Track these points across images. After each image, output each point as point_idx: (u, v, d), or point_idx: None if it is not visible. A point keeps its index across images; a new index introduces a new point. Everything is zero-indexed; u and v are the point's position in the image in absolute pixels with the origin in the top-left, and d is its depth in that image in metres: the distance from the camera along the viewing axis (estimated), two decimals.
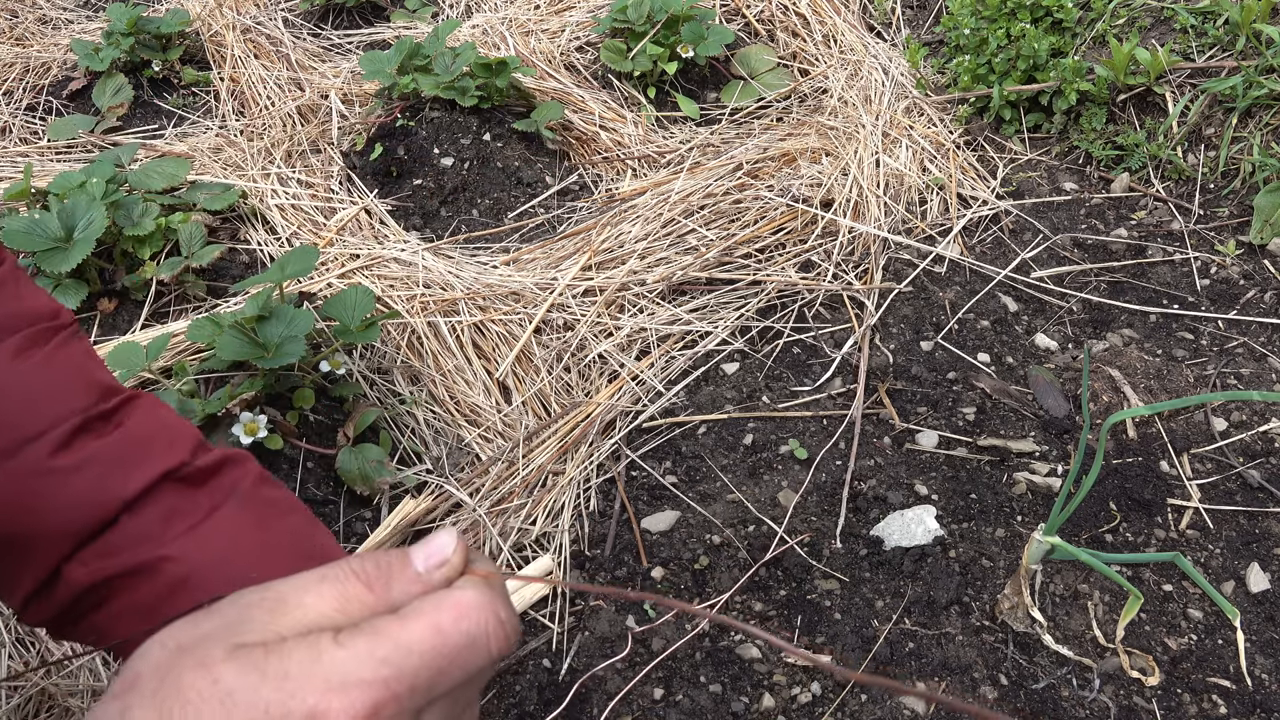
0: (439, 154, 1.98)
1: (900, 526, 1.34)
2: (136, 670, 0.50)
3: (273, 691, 0.47)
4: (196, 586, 0.72)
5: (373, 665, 0.48)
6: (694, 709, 1.16)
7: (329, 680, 0.48)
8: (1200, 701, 1.15)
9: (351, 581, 0.52)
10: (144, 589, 0.72)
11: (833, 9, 2.41)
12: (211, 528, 0.75)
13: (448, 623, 0.50)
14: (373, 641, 0.49)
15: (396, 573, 0.53)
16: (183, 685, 0.48)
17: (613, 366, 1.59)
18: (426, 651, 0.50)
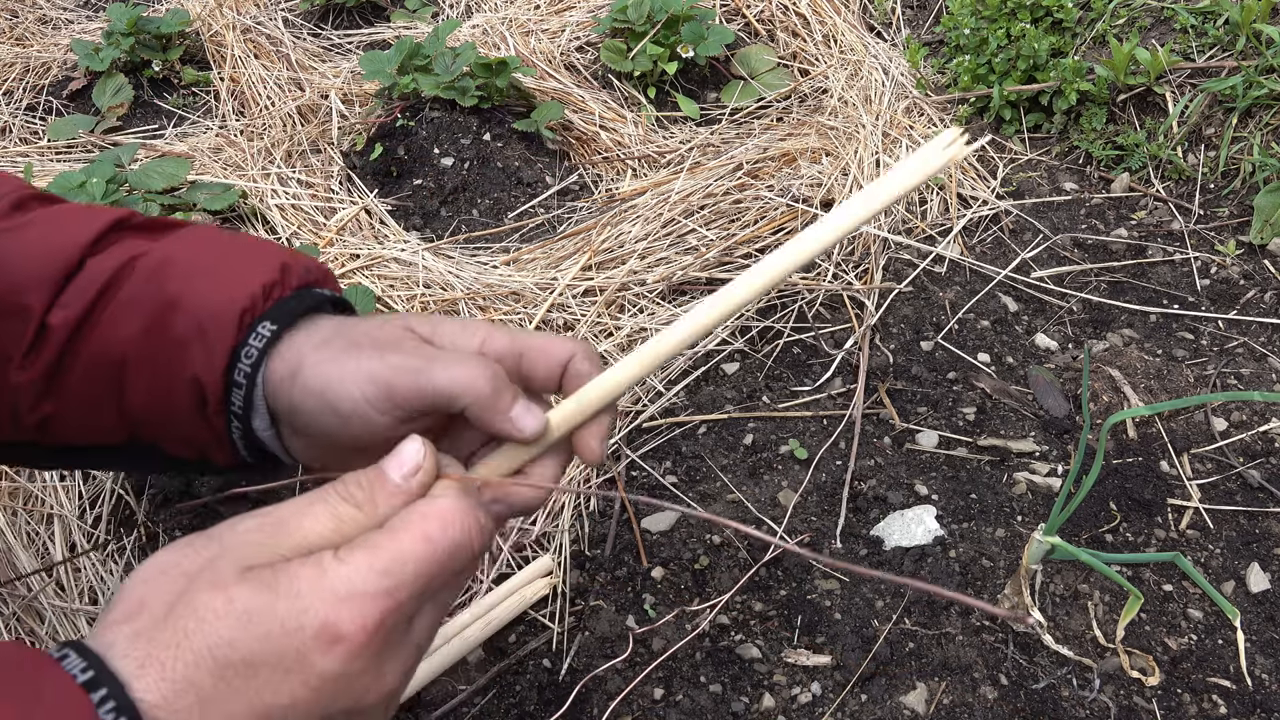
0: (439, 154, 1.98)
1: (900, 526, 1.34)
2: (138, 596, 0.53)
3: (286, 607, 0.51)
4: (174, 269, 0.72)
5: (374, 578, 0.53)
6: (694, 709, 1.16)
7: (336, 594, 0.52)
8: (1200, 701, 1.15)
9: (341, 503, 0.57)
10: (126, 287, 0.71)
11: (833, 9, 2.41)
12: (175, 237, 0.76)
13: (435, 531, 0.55)
14: (371, 555, 0.53)
15: (379, 488, 0.58)
16: (197, 605, 0.51)
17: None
18: (420, 559, 0.54)
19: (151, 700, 0.50)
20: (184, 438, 0.72)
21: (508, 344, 0.68)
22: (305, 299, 0.72)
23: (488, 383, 0.63)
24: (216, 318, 0.68)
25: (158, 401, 0.70)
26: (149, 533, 1.37)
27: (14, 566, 1.31)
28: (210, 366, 0.68)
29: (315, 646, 0.52)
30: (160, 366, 0.69)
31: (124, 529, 1.38)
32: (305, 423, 0.68)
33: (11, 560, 1.32)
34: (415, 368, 0.63)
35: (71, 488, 1.41)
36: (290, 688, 0.52)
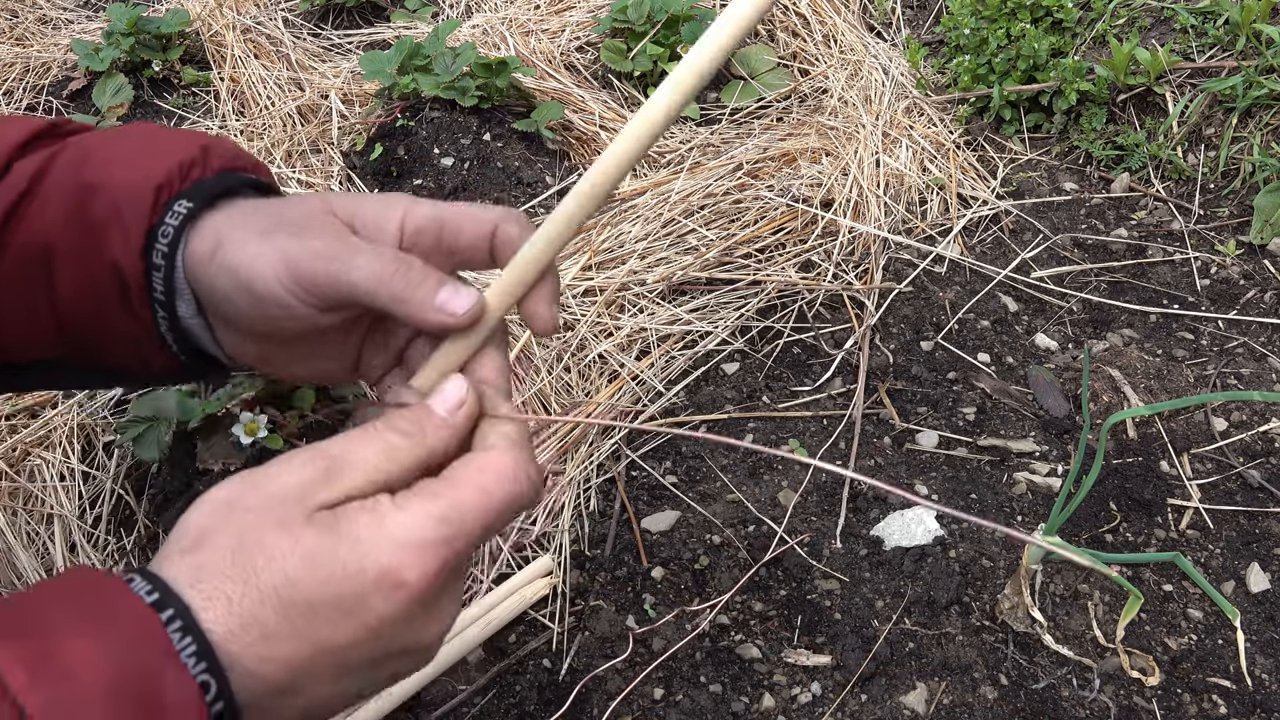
0: (439, 154, 1.98)
1: (900, 526, 1.34)
2: (201, 526, 0.55)
3: (347, 551, 0.53)
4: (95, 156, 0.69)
5: (433, 525, 0.54)
6: (694, 709, 1.16)
7: (395, 540, 0.54)
8: (1200, 701, 1.15)
9: (389, 433, 0.58)
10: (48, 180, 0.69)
11: (833, 9, 2.41)
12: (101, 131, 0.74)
13: (491, 484, 0.57)
14: (429, 503, 0.55)
15: (426, 420, 0.59)
16: (265, 544, 0.53)
17: (613, 366, 1.59)
18: (477, 510, 0.56)
19: (219, 632, 0.51)
20: (116, 333, 0.69)
21: (429, 215, 0.65)
22: (226, 180, 0.69)
23: (402, 276, 0.60)
24: (132, 197, 0.66)
25: (85, 291, 0.68)
26: (149, 532, 1.37)
27: (14, 566, 1.31)
28: (127, 248, 0.66)
29: (375, 590, 0.53)
30: (83, 252, 0.67)
31: (124, 529, 1.38)
32: (226, 308, 0.65)
33: (11, 560, 1.32)
34: (331, 256, 0.61)
35: (71, 488, 1.41)
36: (349, 628, 0.53)
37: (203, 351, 0.71)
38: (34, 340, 0.72)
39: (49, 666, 0.47)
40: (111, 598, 0.51)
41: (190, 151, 0.68)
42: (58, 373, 0.78)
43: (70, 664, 0.47)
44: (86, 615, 0.49)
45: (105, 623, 0.49)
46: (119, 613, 0.50)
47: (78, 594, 0.51)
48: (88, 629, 0.49)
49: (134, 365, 0.72)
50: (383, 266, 0.61)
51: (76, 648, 0.48)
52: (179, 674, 0.49)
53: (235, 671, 0.51)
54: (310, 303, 0.62)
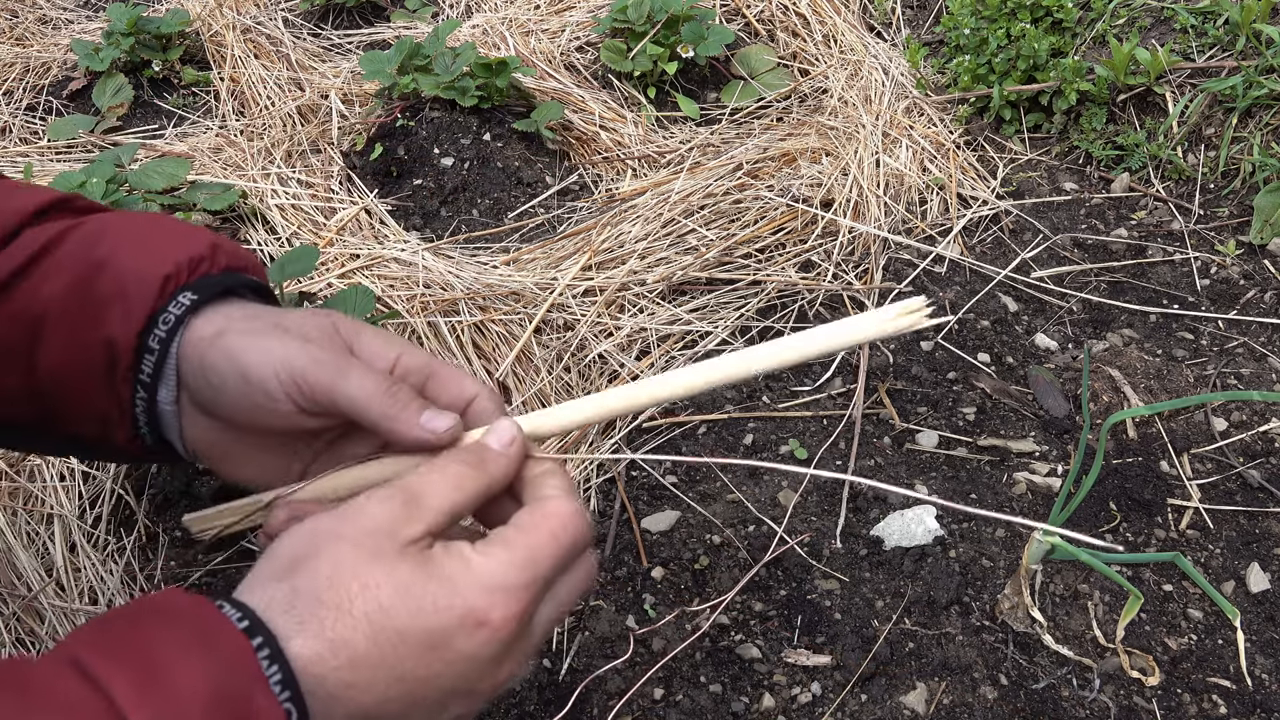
0: (439, 154, 1.98)
1: (900, 526, 1.34)
2: (295, 554, 0.59)
3: (438, 588, 0.58)
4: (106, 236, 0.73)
5: (515, 572, 0.60)
6: (694, 709, 1.16)
7: (482, 584, 0.59)
8: (1200, 701, 1.15)
9: (458, 465, 0.64)
10: (57, 252, 0.73)
11: (833, 9, 2.41)
12: (113, 213, 0.78)
13: (559, 530, 0.62)
14: (509, 551, 0.60)
15: (485, 454, 0.66)
16: (360, 572, 0.57)
17: (613, 366, 1.59)
18: (550, 556, 0.61)
19: (307, 656, 0.55)
20: (88, 407, 0.72)
21: (421, 364, 0.72)
22: (230, 279, 0.74)
23: (391, 399, 0.67)
24: (140, 280, 0.70)
25: (71, 361, 0.71)
26: (149, 533, 1.37)
27: (14, 566, 1.31)
28: (126, 327, 0.70)
29: (460, 628, 0.57)
30: (78, 324, 0.71)
31: (124, 529, 1.38)
32: (212, 390, 0.69)
33: (11, 560, 1.32)
34: (331, 366, 0.67)
35: (71, 488, 1.41)
36: (431, 661, 0.57)
37: (164, 439, 0.75)
38: (6, 402, 0.74)
39: (154, 684, 0.50)
40: (207, 622, 0.54)
41: (201, 248, 0.73)
42: (23, 436, 0.81)
43: (173, 682, 0.50)
44: (185, 637, 0.52)
45: (203, 645, 0.52)
46: (214, 636, 0.53)
47: (175, 616, 0.54)
48: (187, 651, 0.52)
49: (98, 440, 0.75)
50: (375, 385, 0.67)
51: (178, 668, 0.51)
52: (268, 699, 0.52)
53: (317, 697, 0.55)
54: (299, 402, 0.67)
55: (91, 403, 0.72)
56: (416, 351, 0.73)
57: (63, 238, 0.73)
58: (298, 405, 0.67)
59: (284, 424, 0.69)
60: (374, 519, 0.59)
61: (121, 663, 0.50)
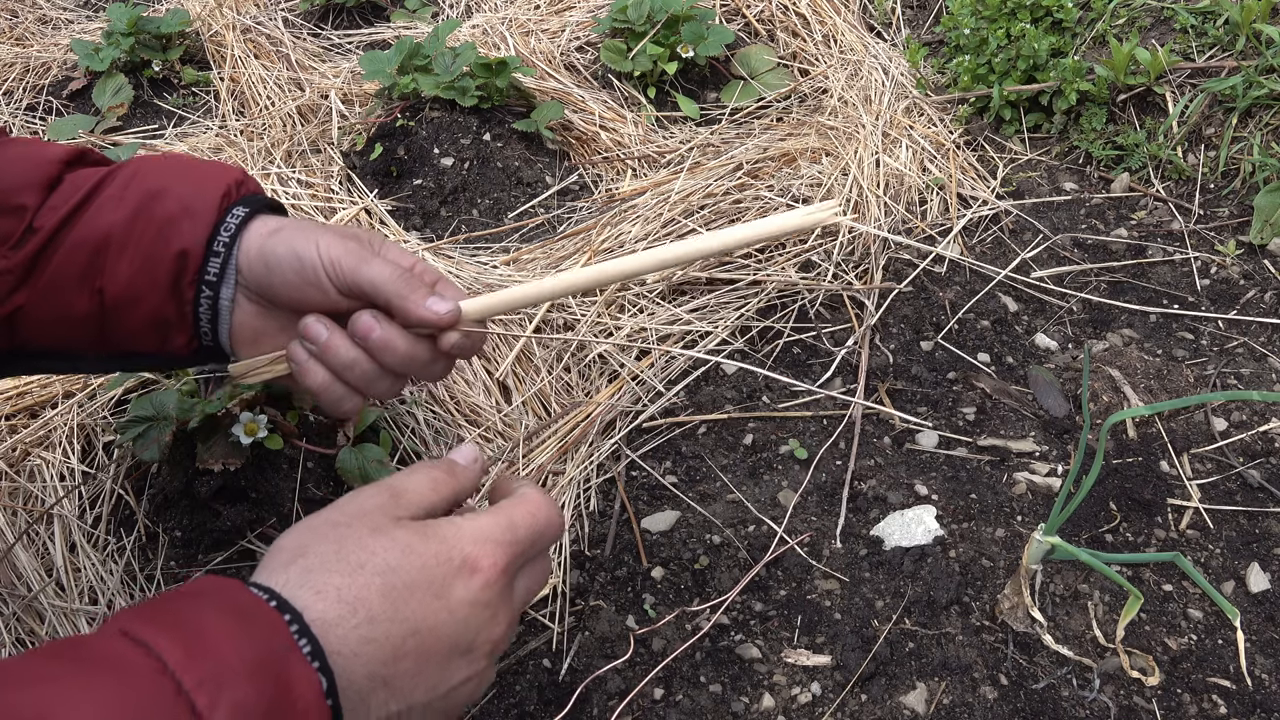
0: (439, 154, 1.98)
1: (900, 526, 1.34)
2: (297, 543, 0.66)
3: (436, 546, 0.67)
4: (150, 174, 0.86)
5: (500, 530, 0.70)
6: (694, 709, 1.16)
7: (474, 537, 0.68)
8: (1200, 701, 1.15)
9: (435, 470, 0.75)
10: (107, 189, 0.85)
11: (833, 9, 2.41)
12: (139, 158, 0.91)
13: (535, 510, 0.73)
14: (495, 516, 0.71)
15: (455, 465, 0.77)
16: (366, 543, 0.65)
17: (613, 366, 1.59)
18: (529, 525, 0.72)
19: (329, 619, 0.61)
20: (151, 318, 0.85)
21: (434, 271, 0.88)
22: (263, 199, 0.89)
23: (404, 282, 0.82)
24: (202, 198, 0.84)
25: (139, 276, 0.83)
26: (149, 532, 1.37)
27: (14, 566, 1.31)
28: (195, 236, 0.83)
29: (458, 575, 0.66)
30: (144, 243, 0.83)
31: (124, 529, 1.38)
32: (267, 272, 0.83)
33: (11, 560, 1.32)
34: (360, 256, 0.82)
35: (71, 487, 1.41)
36: (436, 610, 0.65)
37: (216, 338, 0.88)
38: (67, 330, 0.86)
39: (201, 648, 0.55)
40: (241, 598, 0.60)
41: (238, 174, 0.88)
42: (75, 361, 0.91)
43: (218, 648, 0.55)
44: (225, 610, 0.58)
45: (242, 617, 0.58)
46: (250, 609, 0.59)
47: (214, 594, 0.60)
48: (228, 620, 0.57)
49: (153, 350, 0.87)
50: (391, 272, 0.82)
51: (222, 635, 0.56)
52: (303, 666, 0.58)
53: (342, 656, 0.61)
54: (337, 284, 0.82)
55: (155, 312, 0.84)
56: (429, 264, 0.88)
57: (109, 178, 0.85)
58: (334, 287, 0.82)
59: (327, 301, 0.83)
60: (365, 506, 0.68)
61: (169, 631, 0.55)
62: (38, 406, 1.50)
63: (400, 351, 0.83)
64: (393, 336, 0.82)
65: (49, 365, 0.95)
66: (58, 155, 0.86)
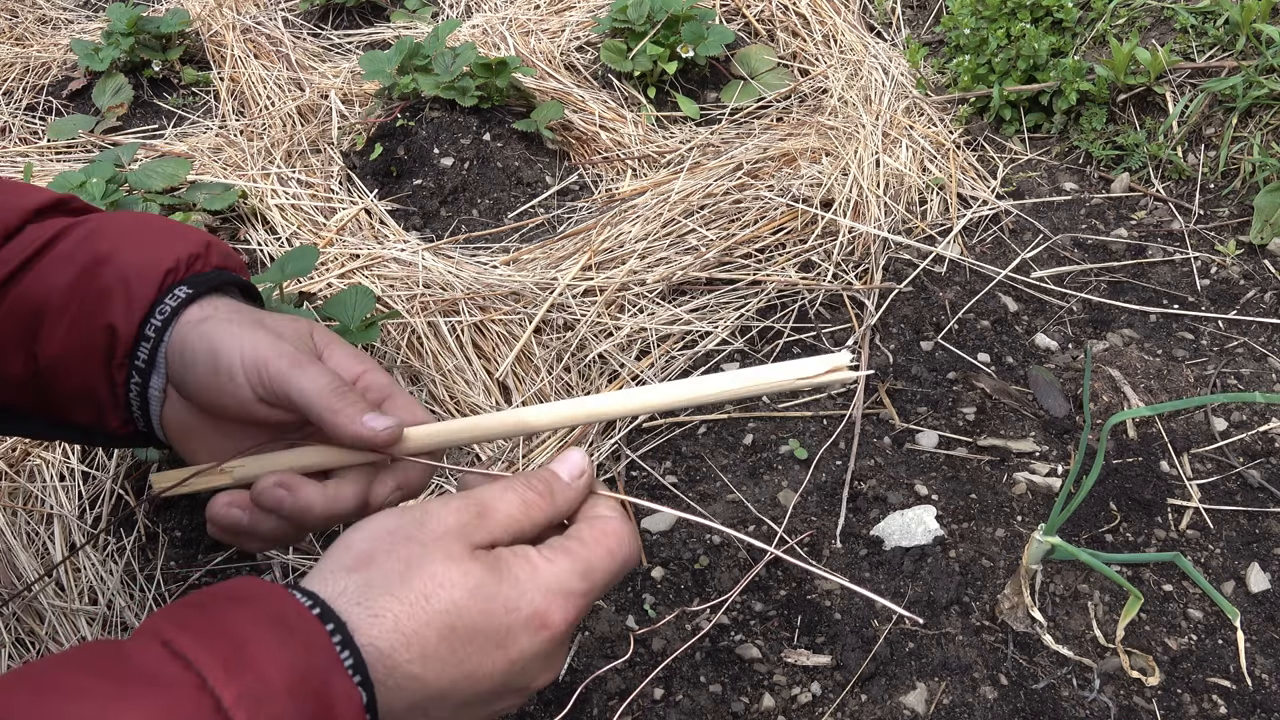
0: (439, 154, 1.98)
1: (900, 526, 1.34)
2: (366, 549, 0.62)
3: (508, 590, 0.61)
4: (106, 234, 0.79)
5: (576, 580, 0.64)
6: (694, 709, 1.16)
7: (549, 588, 0.63)
8: (1200, 701, 1.15)
9: (527, 490, 0.67)
10: (58, 248, 0.78)
11: (833, 9, 2.41)
12: (109, 214, 0.84)
13: (615, 546, 0.67)
14: (571, 560, 0.65)
15: (555, 481, 0.69)
16: (435, 572, 0.60)
17: (613, 366, 1.59)
18: (606, 569, 0.66)
19: (382, 648, 0.58)
20: (85, 393, 0.78)
21: (384, 384, 0.78)
22: (221, 276, 0.80)
23: (338, 395, 0.71)
24: (141, 273, 0.76)
25: (71, 348, 0.77)
26: (149, 533, 1.37)
27: (14, 566, 1.31)
28: (128, 314, 0.75)
29: (525, 629, 0.61)
30: (80, 314, 0.76)
31: (124, 529, 1.38)
32: (184, 369, 0.75)
33: (11, 560, 1.32)
34: (290, 361, 0.72)
35: (71, 488, 1.41)
36: (495, 658, 0.61)
37: (151, 423, 0.80)
38: (4, 389, 0.80)
39: (241, 664, 0.53)
40: (284, 607, 0.57)
41: (196, 246, 0.79)
42: (17, 421, 0.85)
43: (258, 663, 0.53)
44: (266, 620, 0.56)
45: (283, 628, 0.56)
46: (292, 621, 0.56)
47: (254, 601, 0.57)
48: (269, 633, 0.55)
49: (90, 423, 0.80)
50: (325, 383, 0.72)
51: (262, 649, 0.54)
52: (344, 679, 0.55)
53: (386, 686, 0.58)
54: (257, 390, 0.73)
55: (88, 387, 0.77)
56: (381, 373, 0.79)
57: (64, 234, 0.79)
58: (256, 393, 0.72)
59: (244, 410, 0.74)
60: (445, 523, 0.63)
61: (209, 643, 0.53)
62: None
63: (318, 514, 0.72)
64: (308, 503, 0.72)
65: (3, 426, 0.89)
66: (27, 204, 0.80)
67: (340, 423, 0.71)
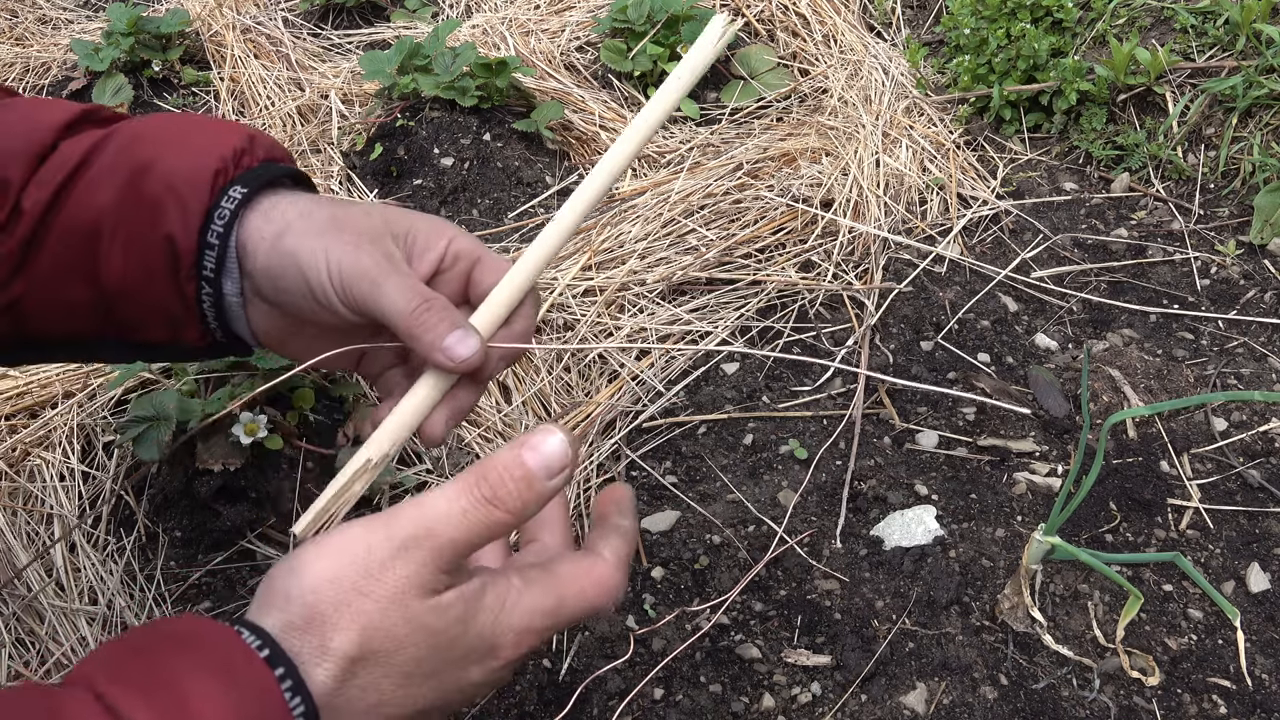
0: (439, 154, 1.98)
1: (900, 526, 1.34)
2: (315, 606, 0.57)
3: (473, 641, 0.60)
4: (145, 140, 0.75)
5: (540, 619, 0.62)
6: (694, 709, 1.16)
7: (516, 627, 0.62)
8: (1200, 701, 1.15)
9: (489, 511, 0.60)
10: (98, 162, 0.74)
11: (833, 9, 2.41)
12: (143, 117, 0.82)
13: (592, 593, 0.65)
14: (541, 598, 0.63)
15: (527, 494, 0.62)
16: (395, 635, 0.58)
17: (613, 366, 1.59)
18: (575, 611, 0.64)
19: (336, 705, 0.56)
20: (157, 309, 0.75)
21: (470, 248, 0.75)
22: (271, 169, 0.75)
23: (417, 320, 0.68)
24: (189, 179, 0.72)
25: (133, 267, 0.73)
26: (149, 533, 1.37)
27: (14, 566, 1.31)
28: (184, 224, 0.71)
29: (481, 664, 0.61)
30: (135, 230, 0.72)
31: (124, 529, 1.38)
32: (276, 290, 0.72)
33: (11, 560, 1.32)
34: (372, 278, 0.69)
35: (71, 488, 1.41)
36: (447, 689, 0.61)
37: (232, 332, 0.77)
38: (72, 317, 0.76)
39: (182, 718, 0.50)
40: (229, 651, 0.54)
41: (240, 140, 0.74)
42: (90, 348, 0.82)
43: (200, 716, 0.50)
44: (209, 667, 0.53)
45: (227, 676, 0.53)
46: (238, 667, 0.53)
47: (199, 645, 0.54)
48: (212, 681, 0.52)
49: (167, 340, 0.77)
50: (407, 301, 0.69)
51: (206, 702, 0.51)
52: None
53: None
54: (349, 305, 0.70)
55: (159, 304, 0.74)
56: (465, 236, 0.75)
57: (100, 147, 0.74)
58: (350, 308, 0.70)
59: (341, 320, 0.71)
60: (399, 576, 0.58)
61: (147, 698, 0.50)
62: (38, 406, 1.50)
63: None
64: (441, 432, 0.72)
65: (66, 354, 0.87)
66: (55, 120, 0.76)
67: (422, 351, 0.69)
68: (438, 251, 0.74)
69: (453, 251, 0.74)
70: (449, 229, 0.75)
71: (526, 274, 0.73)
